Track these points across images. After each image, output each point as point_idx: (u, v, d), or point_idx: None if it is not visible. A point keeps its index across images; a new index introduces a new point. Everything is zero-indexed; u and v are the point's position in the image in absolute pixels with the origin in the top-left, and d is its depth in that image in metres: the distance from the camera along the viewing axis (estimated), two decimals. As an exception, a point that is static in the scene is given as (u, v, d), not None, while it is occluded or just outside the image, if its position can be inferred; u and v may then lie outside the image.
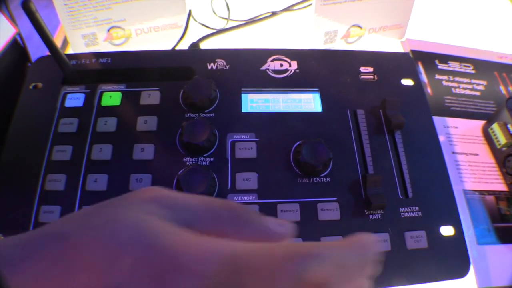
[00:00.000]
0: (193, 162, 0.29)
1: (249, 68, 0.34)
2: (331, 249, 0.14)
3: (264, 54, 0.35)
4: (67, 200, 0.28)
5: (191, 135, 0.29)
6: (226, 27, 0.46)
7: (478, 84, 0.44)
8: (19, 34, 0.35)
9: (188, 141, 0.28)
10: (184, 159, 0.29)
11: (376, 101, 0.33)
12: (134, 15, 0.41)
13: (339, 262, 0.14)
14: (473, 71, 0.45)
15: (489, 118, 0.39)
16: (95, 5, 0.39)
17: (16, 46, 0.36)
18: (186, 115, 0.31)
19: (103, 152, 0.29)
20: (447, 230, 0.29)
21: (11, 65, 0.35)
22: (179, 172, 0.28)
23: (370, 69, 0.35)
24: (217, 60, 0.34)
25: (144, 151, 0.29)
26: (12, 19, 0.35)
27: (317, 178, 0.29)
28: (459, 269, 0.28)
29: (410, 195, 0.30)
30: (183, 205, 0.17)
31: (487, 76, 0.45)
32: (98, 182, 0.28)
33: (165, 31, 0.44)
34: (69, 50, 0.42)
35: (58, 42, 0.44)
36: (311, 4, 0.41)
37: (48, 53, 0.31)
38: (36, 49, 0.39)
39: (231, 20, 0.47)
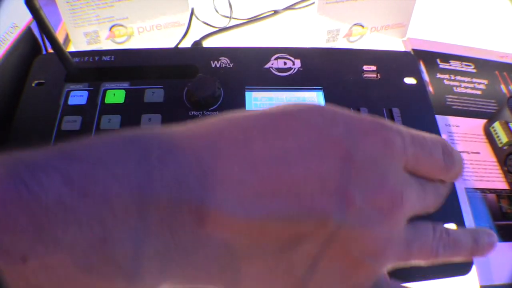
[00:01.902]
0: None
1: (252, 66, 0.34)
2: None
3: (268, 53, 0.35)
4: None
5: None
6: (228, 25, 0.46)
7: (479, 83, 0.44)
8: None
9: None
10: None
11: (379, 99, 0.33)
12: (137, 13, 0.41)
13: None
14: (474, 70, 0.45)
15: (491, 117, 0.40)
16: (97, 3, 0.39)
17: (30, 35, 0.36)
18: (190, 113, 0.31)
19: (107, 149, 0.29)
20: (450, 228, 0.29)
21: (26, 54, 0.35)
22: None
23: (373, 68, 0.35)
24: (220, 58, 0.34)
25: (148, 149, 0.29)
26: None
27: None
28: (462, 267, 0.28)
29: (413, 193, 0.30)
30: None
31: (488, 75, 0.45)
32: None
33: (167, 30, 0.43)
34: (71, 48, 0.42)
35: (59, 40, 0.44)
36: (313, 3, 0.42)
37: (51, 50, 0.31)
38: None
39: (233, 18, 0.47)
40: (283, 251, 0.14)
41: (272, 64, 0.34)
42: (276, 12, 0.48)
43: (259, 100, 0.32)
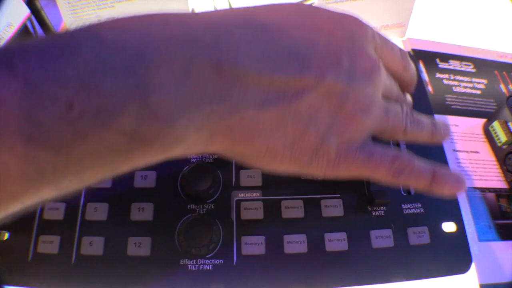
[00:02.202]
0: (198, 159, 0.29)
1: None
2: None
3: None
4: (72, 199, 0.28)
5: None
6: (228, 26, 0.47)
7: (478, 83, 0.44)
8: (30, 20, 0.35)
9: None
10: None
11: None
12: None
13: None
14: (473, 70, 0.45)
15: (490, 116, 0.40)
16: (98, 4, 0.39)
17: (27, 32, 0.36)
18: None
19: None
20: (449, 227, 0.29)
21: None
22: (184, 169, 0.28)
23: (373, 67, 0.35)
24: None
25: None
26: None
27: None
28: (461, 265, 0.28)
29: (412, 192, 0.30)
30: None
31: (487, 74, 0.45)
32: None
33: (167, 30, 0.44)
34: (72, 49, 0.42)
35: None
36: (313, 3, 0.42)
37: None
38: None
39: (233, 19, 0.47)
40: (291, 101, 0.18)
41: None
42: (276, 12, 0.49)
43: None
